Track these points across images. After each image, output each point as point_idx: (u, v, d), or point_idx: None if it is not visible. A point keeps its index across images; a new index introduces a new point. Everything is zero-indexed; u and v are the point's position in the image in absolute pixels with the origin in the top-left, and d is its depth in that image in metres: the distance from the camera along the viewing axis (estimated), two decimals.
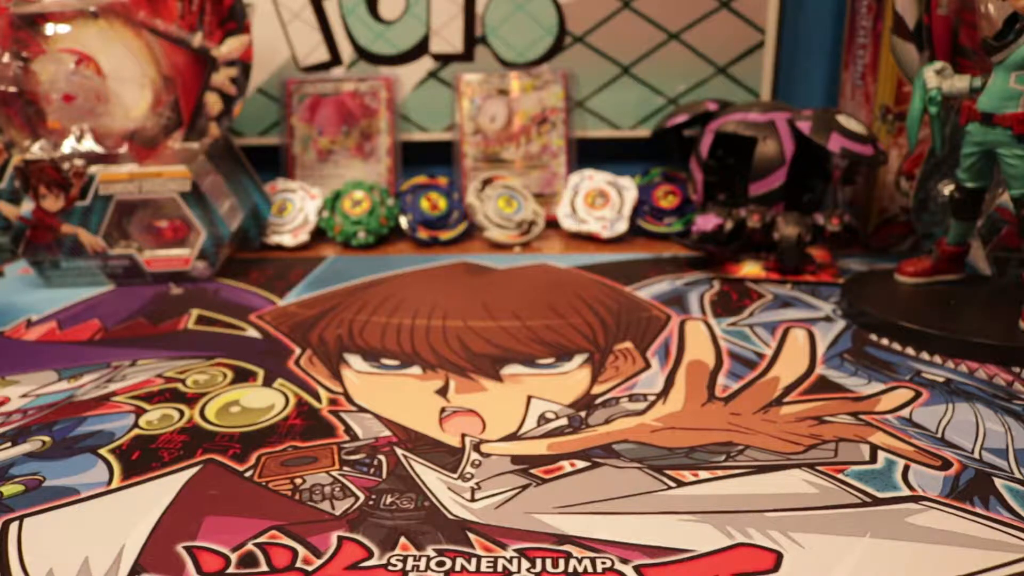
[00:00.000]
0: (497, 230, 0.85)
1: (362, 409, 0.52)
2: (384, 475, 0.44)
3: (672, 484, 0.42)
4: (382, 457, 0.46)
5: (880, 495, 0.41)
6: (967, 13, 0.58)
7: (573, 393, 0.53)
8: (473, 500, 0.42)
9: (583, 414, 0.50)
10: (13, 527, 0.40)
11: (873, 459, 0.44)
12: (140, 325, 0.67)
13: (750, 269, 0.74)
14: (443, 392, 0.54)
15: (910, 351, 0.58)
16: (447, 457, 0.46)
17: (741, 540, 0.38)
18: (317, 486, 0.43)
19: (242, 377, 0.56)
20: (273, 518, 0.40)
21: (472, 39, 0.91)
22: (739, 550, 0.37)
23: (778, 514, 0.40)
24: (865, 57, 0.80)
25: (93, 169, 0.74)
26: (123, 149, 0.75)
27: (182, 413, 0.52)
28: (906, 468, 0.43)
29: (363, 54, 0.92)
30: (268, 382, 0.56)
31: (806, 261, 0.73)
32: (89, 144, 0.75)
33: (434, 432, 0.49)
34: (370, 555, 0.38)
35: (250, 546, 0.38)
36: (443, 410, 0.51)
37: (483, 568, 0.37)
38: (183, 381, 0.56)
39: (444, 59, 0.91)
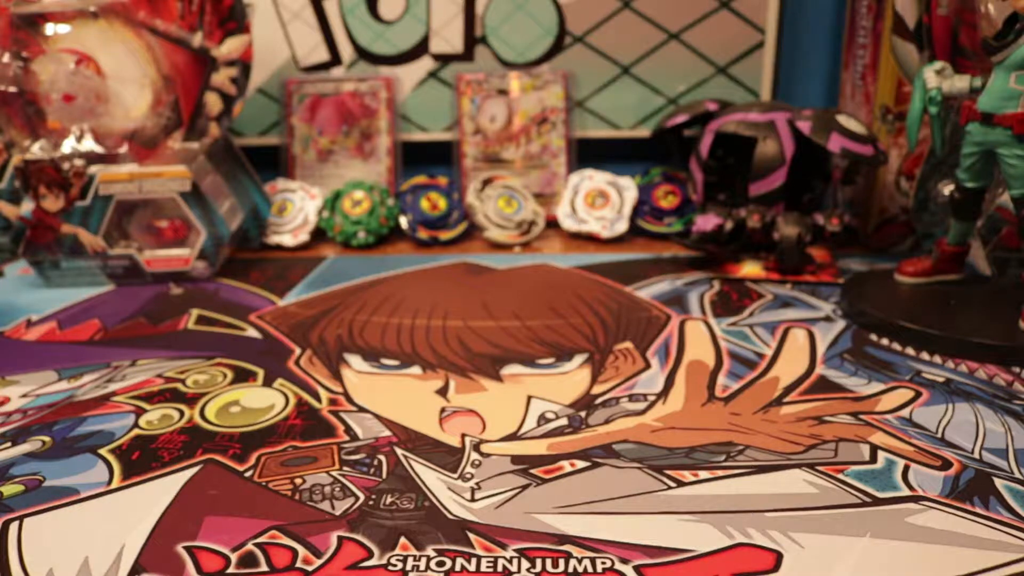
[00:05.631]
0: (497, 230, 0.85)
1: (362, 409, 0.52)
2: (384, 475, 0.44)
3: (672, 484, 0.42)
4: (382, 457, 0.46)
5: (880, 495, 0.41)
6: (967, 13, 0.59)
7: (573, 393, 0.53)
8: (473, 500, 0.42)
9: (583, 414, 0.50)
10: (13, 527, 0.40)
11: (873, 459, 0.44)
12: (140, 325, 0.67)
13: (750, 269, 0.74)
14: (443, 392, 0.54)
15: (910, 351, 0.58)
16: (447, 457, 0.46)
17: (741, 540, 0.38)
18: (317, 486, 0.43)
19: (242, 377, 0.56)
20: (273, 518, 0.40)
21: (472, 39, 0.91)
22: (739, 550, 0.37)
23: (778, 514, 0.40)
24: (865, 57, 0.80)
25: (93, 169, 0.74)
26: (123, 149, 0.75)
27: (182, 413, 0.52)
28: (906, 468, 0.43)
29: (363, 54, 0.92)
30: (268, 382, 0.56)
31: (806, 261, 0.73)
32: (89, 144, 0.75)
33: (434, 432, 0.49)
34: (370, 555, 0.38)
35: (250, 546, 0.38)
36: (443, 410, 0.51)
37: (483, 568, 0.37)
38: (183, 381, 0.56)
39: (444, 59, 0.91)
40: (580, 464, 0.45)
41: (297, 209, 0.87)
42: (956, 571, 0.36)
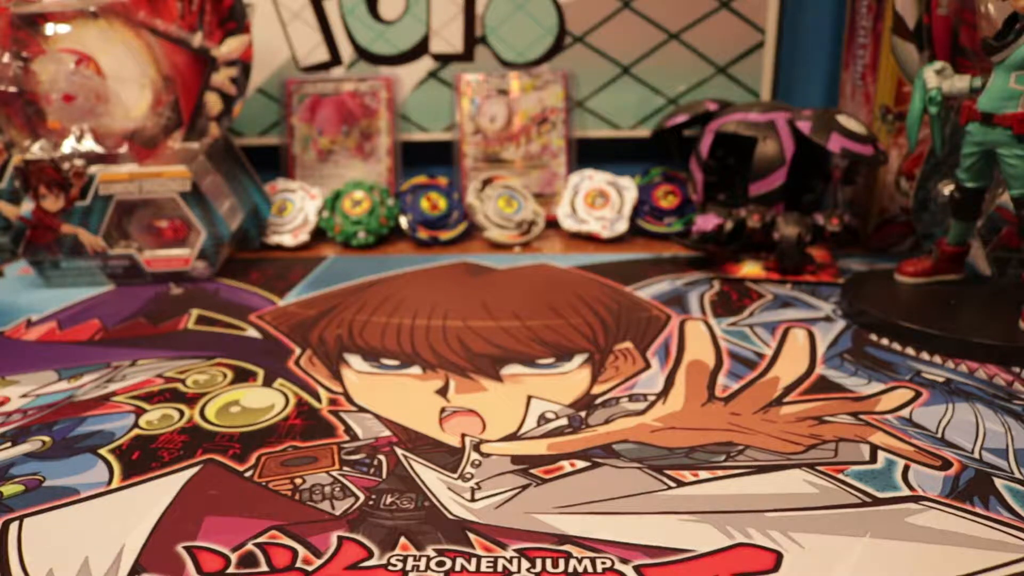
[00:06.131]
0: (497, 230, 0.85)
1: (362, 409, 0.52)
2: (384, 475, 0.44)
3: (672, 484, 0.42)
4: (382, 457, 0.46)
5: (880, 495, 0.41)
6: (967, 13, 0.59)
7: (573, 393, 0.53)
8: (473, 500, 0.42)
9: (583, 414, 0.50)
10: (13, 527, 0.40)
11: (873, 459, 0.44)
12: (140, 325, 0.67)
13: (750, 269, 0.74)
14: (443, 392, 0.54)
15: (910, 351, 0.58)
16: (447, 457, 0.46)
17: (741, 540, 0.38)
18: (317, 486, 0.43)
19: (242, 377, 0.56)
20: (273, 518, 0.40)
21: (472, 39, 0.91)
22: (739, 550, 0.37)
23: (778, 514, 0.40)
24: (865, 57, 0.80)
25: (93, 169, 0.74)
26: (123, 149, 0.75)
27: (182, 413, 0.52)
28: (906, 468, 0.43)
29: (363, 54, 0.92)
30: (268, 382, 0.56)
31: (806, 261, 0.73)
32: (89, 144, 0.75)
33: (434, 432, 0.49)
34: (370, 555, 0.38)
35: (250, 546, 0.38)
36: (443, 410, 0.51)
37: (483, 568, 0.37)
38: (183, 381, 0.56)
39: (444, 59, 0.91)
40: (580, 464, 0.45)
41: (297, 209, 0.87)
42: (956, 571, 0.36)
